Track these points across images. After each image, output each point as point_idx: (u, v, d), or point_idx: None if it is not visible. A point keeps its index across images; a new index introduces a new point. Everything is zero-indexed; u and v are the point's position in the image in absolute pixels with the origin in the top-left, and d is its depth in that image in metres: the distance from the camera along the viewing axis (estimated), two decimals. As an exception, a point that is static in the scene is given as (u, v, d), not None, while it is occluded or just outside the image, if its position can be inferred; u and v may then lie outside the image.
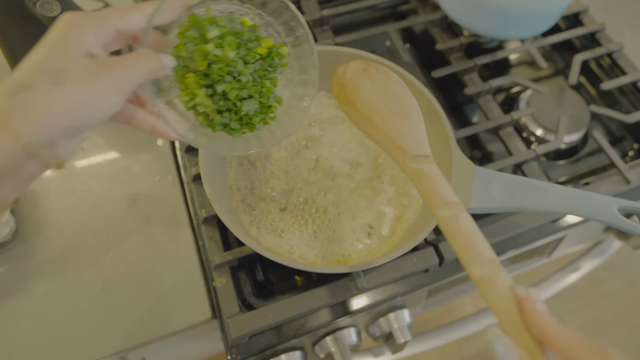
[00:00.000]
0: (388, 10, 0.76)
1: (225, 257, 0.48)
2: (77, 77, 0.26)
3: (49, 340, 0.46)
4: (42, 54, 0.26)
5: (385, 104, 0.34)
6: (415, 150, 0.34)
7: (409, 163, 0.33)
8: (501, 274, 0.27)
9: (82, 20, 0.27)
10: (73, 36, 0.27)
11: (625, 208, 0.44)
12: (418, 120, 0.35)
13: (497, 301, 0.26)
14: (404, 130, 0.34)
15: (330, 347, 0.50)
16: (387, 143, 0.34)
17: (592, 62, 0.70)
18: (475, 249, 0.29)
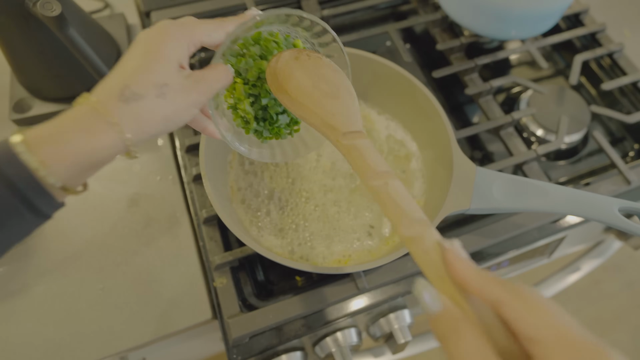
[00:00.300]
0: (388, 10, 0.75)
1: (226, 258, 0.48)
2: (176, 92, 0.30)
3: (49, 340, 0.46)
4: (147, 64, 0.30)
5: (316, 86, 0.36)
6: (346, 127, 0.34)
7: (341, 140, 0.34)
8: (429, 231, 0.28)
9: (177, 31, 0.31)
10: (170, 48, 0.31)
11: (625, 208, 0.44)
12: (350, 99, 0.36)
13: (423, 256, 0.27)
14: (334, 109, 0.35)
15: (331, 348, 0.50)
16: (319, 123, 0.35)
17: (592, 62, 0.70)
18: (404, 211, 0.30)
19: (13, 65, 0.55)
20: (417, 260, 0.28)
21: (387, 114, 0.58)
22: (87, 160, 0.28)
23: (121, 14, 0.66)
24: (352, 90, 0.37)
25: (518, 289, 0.23)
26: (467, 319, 0.23)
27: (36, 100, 0.58)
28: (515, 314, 0.21)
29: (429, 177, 0.54)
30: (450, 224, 0.56)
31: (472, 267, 0.24)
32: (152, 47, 0.30)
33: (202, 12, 0.67)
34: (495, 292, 0.23)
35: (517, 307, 0.22)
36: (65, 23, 0.47)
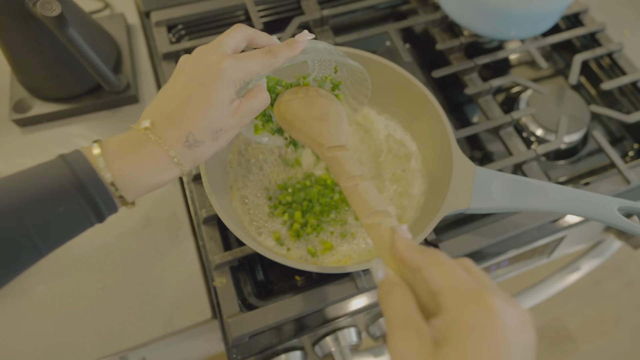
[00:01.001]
0: (388, 10, 0.76)
1: (226, 257, 0.48)
2: (226, 132, 0.36)
3: (49, 340, 0.46)
4: (207, 112, 0.34)
5: (309, 113, 0.43)
6: (330, 142, 0.41)
7: (325, 152, 0.41)
8: (386, 220, 0.33)
9: (232, 73, 0.35)
10: (226, 92, 0.34)
11: (625, 208, 0.44)
12: (337, 121, 0.43)
13: (379, 239, 0.32)
14: (322, 129, 0.42)
15: (331, 347, 0.50)
16: (310, 141, 0.42)
17: (592, 62, 0.70)
18: (368, 204, 0.35)
19: (13, 65, 0.55)
20: (374, 242, 0.33)
21: (386, 114, 0.58)
22: (153, 187, 0.35)
23: (121, 14, 0.67)
24: (341, 114, 0.45)
25: (432, 255, 0.28)
26: (400, 283, 0.28)
27: (36, 100, 0.58)
28: (427, 274, 0.27)
29: (429, 176, 0.54)
30: (450, 224, 0.56)
31: (408, 244, 0.30)
32: (210, 92, 0.34)
33: (202, 12, 0.67)
34: (417, 260, 0.28)
35: (430, 269, 0.27)
36: (65, 23, 0.47)
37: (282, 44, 0.38)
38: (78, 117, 0.60)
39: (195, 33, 0.69)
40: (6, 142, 0.58)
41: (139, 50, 0.66)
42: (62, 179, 0.31)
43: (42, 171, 0.31)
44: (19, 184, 0.31)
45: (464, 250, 0.51)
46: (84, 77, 0.57)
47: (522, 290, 0.78)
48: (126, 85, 0.60)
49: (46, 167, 0.32)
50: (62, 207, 0.30)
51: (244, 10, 0.69)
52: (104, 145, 0.33)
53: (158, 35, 0.65)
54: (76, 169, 0.31)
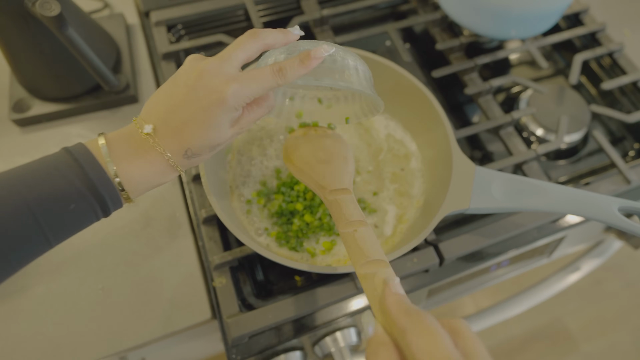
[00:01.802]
0: (388, 10, 0.75)
1: (225, 257, 0.48)
2: (225, 143, 0.37)
3: (49, 340, 0.46)
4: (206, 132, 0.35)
5: (314, 155, 0.44)
6: (332, 186, 0.41)
7: (327, 196, 0.41)
8: (381, 270, 0.32)
9: (233, 102, 0.34)
10: (226, 116, 0.35)
11: (625, 208, 0.44)
12: (342, 163, 0.44)
13: (371, 291, 0.31)
14: (325, 172, 0.43)
15: (330, 348, 0.50)
16: (313, 184, 0.43)
17: (592, 61, 0.70)
18: (363, 253, 0.34)
19: (12, 65, 0.55)
20: (367, 294, 0.31)
21: (386, 114, 0.58)
22: (152, 187, 0.37)
23: (120, 13, 0.66)
24: (347, 156, 0.45)
25: (418, 319, 0.26)
26: (386, 344, 0.26)
27: (35, 100, 0.58)
28: (410, 340, 0.25)
29: (429, 176, 0.54)
30: (450, 224, 0.56)
31: (397, 300, 0.28)
32: (209, 117, 0.34)
33: (202, 12, 0.67)
34: (402, 322, 0.26)
35: (413, 335, 0.25)
36: (65, 23, 0.47)
37: (294, 60, 0.36)
38: (77, 117, 0.60)
39: (195, 33, 0.69)
40: (5, 142, 0.57)
41: (139, 50, 0.66)
42: (74, 177, 0.32)
43: (51, 166, 0.32)
44: (30, 178, 0.32)
45: (464, 250, 0.51)
46: (83, 77, 0.57)
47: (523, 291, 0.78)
48: (125, 85, 0.60)
49: (54, 162, 0.33)
50: (74, 205, 0.32)
51: (244, 10, 0.69)
52: (109, 142, 0.34)
53: (157, 35, 0.65)
54: (85, 167, 0.33)
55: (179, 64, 0.65)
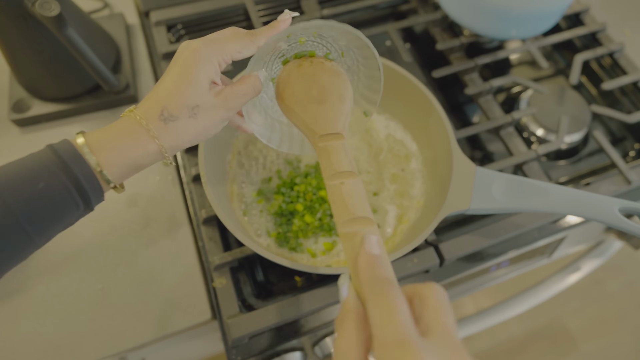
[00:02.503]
0: (388, 10, 0.75)
1: (225, 258, 0.48)
2: (205, 112, 0.35)
3: (49, 340, 0.46)
4: (181, 88, 0.34)
5: (307, 92, 0.39)
6: (324, 130, 0.37)
7: (317, 142, 0.37)
8: (366, 228, 0.29)
9: (207, 52, 0.35)
10: (201, 69, 0.34)
11: (626, 208, 0.43)
12: (338, 103, 0.39)
13: (350, 251, 0.29)
14: (317, 113, 0.38)
15: (331, 348, 0.50)
16: (303, 127, 0.38)
17: (593, 62, 0.70)
18: (348, 210, 0.31)
19: (12, 65, 0.55)
20: (346, 254, 0.29)
21: (387, 114, 0.58)
22: (133, 164, 0.34)
23: (120, 13, 0.66)
24: (344, 94, 0.40)
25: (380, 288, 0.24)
26: (355, 314, 0.25)
27: (35, 100, 0.58)
28: (368, 310, 0.24)
29: (429, 177, 0.54)
30: (450, 224, 0.56)
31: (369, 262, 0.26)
32: (185, 70, 0.34)
33: (202, 12, 0.67)
34: (366, 290, 0.25)
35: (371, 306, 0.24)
36: (64, 23, 0.46)
37: (265, 27, 0.38)
38: (77, 117, 0.60)
39: (195, 33, 0.69)
40: (5, 142, 0.57)
41: (139, 50, 0.66)
42: (44, 158, 0.32)
43: (26, 157, 0.32)
44: (3, 170, 0.31)
45: (464, 250, 0.51)
46: (83, 77, 0.57)
47: (523, 291, 0.78)
48: (125, 85, 0.59)
49: (31, 155, 0.32)
50: (42, 183, 0.31)
51: (244, 10, 0.69)
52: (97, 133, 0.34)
53: (157, 35, 0.65)
54: (57, 148, 0.32)
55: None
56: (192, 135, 0.35)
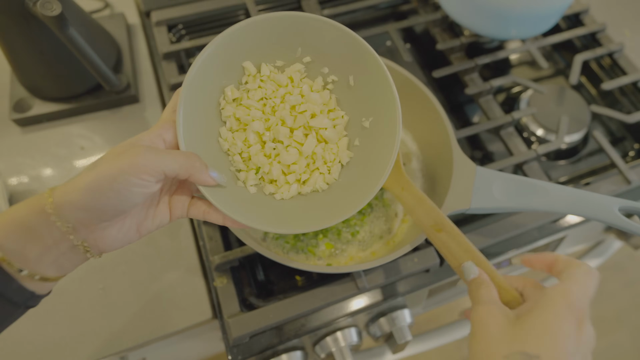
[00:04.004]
0: (389, 10, 0.75)
1: (226, 257, 0.48)
2: (106, 161, 0.29)
3: (49, 340, 0.46)
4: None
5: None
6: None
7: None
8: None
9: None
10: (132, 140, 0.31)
11: (626, 208, 0.44)
12: None
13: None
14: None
15: (331, 347, 0.50)
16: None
17: (592, 62, 0.70)
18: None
19: (13, 65, 0.55)
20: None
21: (387, 114, 0.58)
22: (15, 220, 0.28)
23: (121, 13, 0.66)
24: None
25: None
26: (488, 280, 0.36)
27: (36, 100, 0.58)
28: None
29: (429, 176, 0.54)
30: (451, 224, 0.56)
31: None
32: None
33: (202, 12, 0.67)
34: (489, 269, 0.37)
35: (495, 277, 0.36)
36: (65, 23, 0.47)
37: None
38: (78, 117, 0.60)
39: (196, 33, 0.69)
40: (6, 142, 0.57)
41: (139, 50, 0.66)
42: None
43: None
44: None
45: (464, 250, 0.51)
46: (84, 77, 0.57)
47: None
48: (126, 85, 0.60)
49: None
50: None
51: (244, 10, 0.69)
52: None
53: (158, 35, 0.65)
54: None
55: (180, 64, 0.65)
56: (82, 188, 0.28)
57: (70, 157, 0.57)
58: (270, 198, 0.38)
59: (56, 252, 0.29)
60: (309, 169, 0.38)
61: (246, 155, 0.38)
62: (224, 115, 0.37)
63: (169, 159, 0.31)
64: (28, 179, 0.55)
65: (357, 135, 0.39)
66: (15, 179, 0.55)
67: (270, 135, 0.38)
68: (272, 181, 0.38)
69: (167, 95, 0.61)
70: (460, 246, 0.39)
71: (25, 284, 0.29)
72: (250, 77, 0.38)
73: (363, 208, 0.51)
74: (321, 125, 0.38)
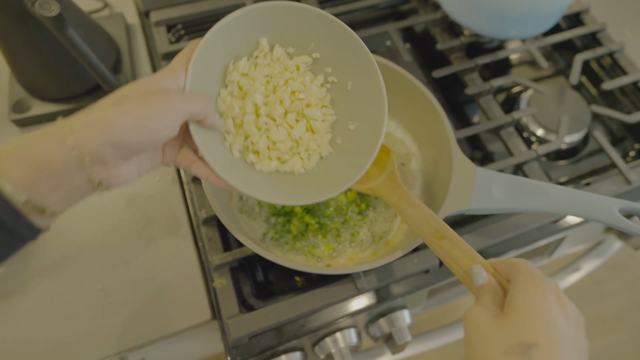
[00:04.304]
0: (388, 9, 0.75)
1: (225, 258, 0.48)
2: (135, 99, 0.30)
3: (49, 340, 0.46)
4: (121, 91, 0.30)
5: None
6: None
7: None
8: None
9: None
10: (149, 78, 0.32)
11: (626, 209, 0.43)
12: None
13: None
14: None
15: (330, 348, 0.50)
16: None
17: (593, 62, 0.70)
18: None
19: (12, 66, 0.55)
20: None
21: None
22: (38, 162, 0.27)
23: (120, 13, 0.66)
24: None
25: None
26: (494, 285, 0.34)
27: (35, 100, 0.58)
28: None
29: (429, 177, 0.54)
30: (451, 224, 0.55)
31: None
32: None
33: (202, 12, 0.67)
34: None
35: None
36: (64, 23, 0.46)
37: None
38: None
39: (195, 33, 0.69)
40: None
41: (139, 50, 0.66)
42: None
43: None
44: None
45: (464, 250, 0.51)
46: (83, 77, 0.57)
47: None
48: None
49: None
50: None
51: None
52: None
53: (157, 35, 0.65)
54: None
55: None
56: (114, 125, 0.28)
57: (70, 157, 0.57)
58: (249, 167, 0.40)
59: (69, 186, 0.29)
60: (291, 152, 0.41)
61: (239, 121, 0.39)
62: (229, 79, 0.39)
63: (196, 101, 0.33)
64: (27, 179, 0.55)
65: (340, 135, 0.43)
66: (15, 180, 0.55)
67: (267, 110, 0.40)
68: (255, 152, 0.40)
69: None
70: (464, 253, 0.37)
71: (34, 220, 0.29)
72: (262, 53, 0.40)
73: (362, 209, 0.51)
74: (314, 116, 0.41)
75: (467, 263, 0.37)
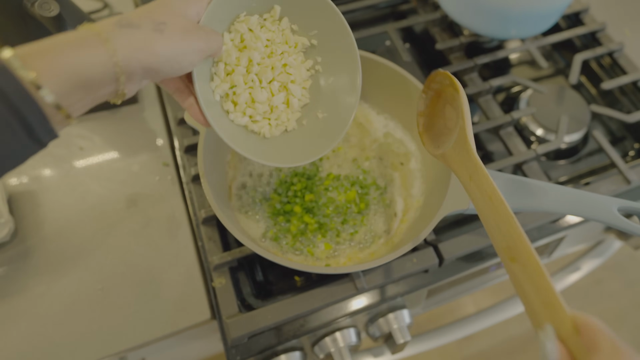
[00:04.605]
0: (388, 9, 0.75)
1: (225, 258, 0.48)
2: (174, 30, 0.31)
3: (49, 340, 0.46)
4: (152, 7, 0.31)
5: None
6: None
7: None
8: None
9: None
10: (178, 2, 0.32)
11: (625, 208, 0.43)
12: None
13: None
14: None
15: (330, 348, 0.50)
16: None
17: (592, 61, 0.70)
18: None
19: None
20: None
21: (386, 114, 0.58)
22: (78, 75, 0.28)
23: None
24: None
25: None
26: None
27: (35, 101, 0.58)
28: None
29: (428, 176, 0.54)
30: (450, 224, 0.56)
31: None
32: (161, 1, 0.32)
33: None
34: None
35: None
36: (64, 23, 0.47)
37: None
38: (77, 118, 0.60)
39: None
40: (5, 142, 0.57)
41: (139, 50, 0.66)
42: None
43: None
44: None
45: (463, 250, 0.51)
46: (83, 77, 0.57)
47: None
48: (125, 85, 0.59)
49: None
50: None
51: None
52: (20, 47, 0.29)
53: (157, 35, 0.65)
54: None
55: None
56: (154, 52, 0.30)
57: (70, 157, 0.57)
58: (225, 114, 0.42)
59: (94, 96, 0.30)
60: (264, 115, 0.43)
61: (230, 69, 0.41)
62: (235, 27, 0.40)
63: (219, 39, 0.36)
64: (27, 179, 0.55)
65: (307, 118, 0.45)
66: (15, 179, 0.55)
67: (258, 70, 0.42)
68: (234, 102, 0.42)
69: (165, 95, 0.61)
70: (537, 293, 0.28)
71: (54, 126, 0.29)
72: (272, 19, 0.43)
73: (362, 208, 0.52)
74: (294, 92, 0.44)
75: (539, 311, 0.27)
